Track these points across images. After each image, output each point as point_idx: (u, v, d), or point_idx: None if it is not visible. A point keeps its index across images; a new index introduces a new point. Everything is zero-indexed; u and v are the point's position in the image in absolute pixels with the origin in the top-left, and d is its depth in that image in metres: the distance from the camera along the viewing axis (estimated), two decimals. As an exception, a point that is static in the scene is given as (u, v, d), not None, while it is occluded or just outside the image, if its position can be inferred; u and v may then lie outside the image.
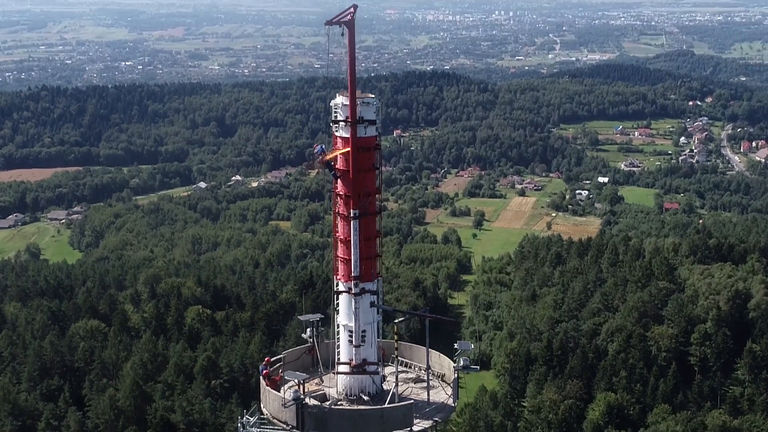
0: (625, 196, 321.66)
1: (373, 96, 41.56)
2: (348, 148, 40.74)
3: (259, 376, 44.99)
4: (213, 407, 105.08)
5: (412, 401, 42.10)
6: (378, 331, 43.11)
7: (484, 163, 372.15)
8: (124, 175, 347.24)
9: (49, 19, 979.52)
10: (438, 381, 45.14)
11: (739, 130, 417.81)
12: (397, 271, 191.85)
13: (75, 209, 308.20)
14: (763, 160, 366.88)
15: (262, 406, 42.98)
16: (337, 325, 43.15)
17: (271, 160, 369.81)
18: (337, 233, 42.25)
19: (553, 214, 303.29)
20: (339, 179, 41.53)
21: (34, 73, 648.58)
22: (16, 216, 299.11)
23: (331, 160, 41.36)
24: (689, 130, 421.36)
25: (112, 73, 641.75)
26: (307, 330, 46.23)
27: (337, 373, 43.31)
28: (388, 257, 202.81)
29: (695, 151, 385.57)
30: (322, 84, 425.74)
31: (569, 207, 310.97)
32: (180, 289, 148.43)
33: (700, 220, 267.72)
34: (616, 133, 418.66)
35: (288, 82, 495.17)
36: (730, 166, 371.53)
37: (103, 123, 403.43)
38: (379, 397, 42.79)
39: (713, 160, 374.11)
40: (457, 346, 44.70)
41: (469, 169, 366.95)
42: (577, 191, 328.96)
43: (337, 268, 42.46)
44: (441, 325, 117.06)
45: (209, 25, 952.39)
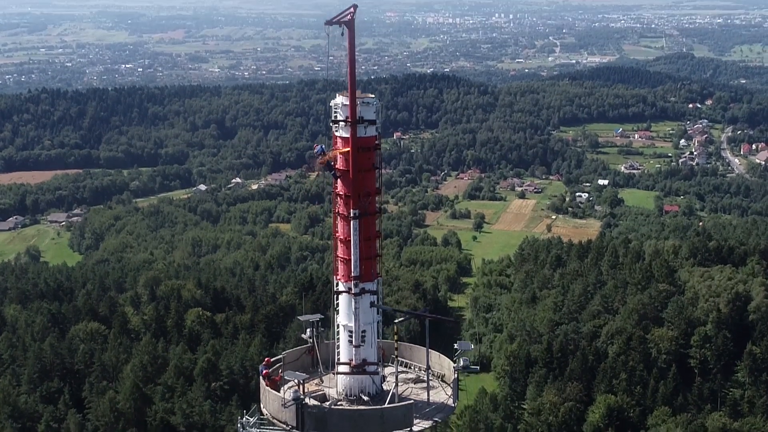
0: (625, 198, 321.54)
1: (373, 96, 41.51)
2: (348, 148, 40.74)
3: (258, 378, 44.89)
4: (213, 409, 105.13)
5: (411, 401, 42.05)
6: (378, 332, 43.05)
7: (484, 165, 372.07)
8: (124, 177, 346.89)
9: (49, 22, 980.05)
10: (438, 381, 45.07)
11: (739, 132, 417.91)
12: (397, 274, 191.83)
13: (75, 212, 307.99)
14: (763, 163, 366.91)
15: (261, 406, 42.89)
16: (337, 326, 43.09)
17: (271, 163, 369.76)
18: (337, 233, 42.20)
19: (553, 217, 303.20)
20: (339, 179, 41.51)
21: (34, 75, 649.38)
22: (16, 218, 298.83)
23: (330, 161, 41.34)
24: (689, 132, 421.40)
25: (112, 76, 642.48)
26: (307, 330, 46.16)
27: (337, 373, 43.25)
28: (388, 260, 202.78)
29: (695, 153, 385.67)
30: (322, 86, 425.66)
31: (569, 209, 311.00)
32: (180, 292, 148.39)
33: (700, 223, 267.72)
34: (616, 136, 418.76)
35: (288, 84, 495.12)
36: (730, 168, 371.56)
37: (103, 125, 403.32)
38: (379, 397, 42.73)
39: (713, 163, 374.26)
40: (456, 347, 44.68)
41: (469, 171, 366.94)
42: (577, 194, 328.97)
43: (337, 268, 42.41)
44: (441, 326, 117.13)
45: (209, 27, 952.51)
